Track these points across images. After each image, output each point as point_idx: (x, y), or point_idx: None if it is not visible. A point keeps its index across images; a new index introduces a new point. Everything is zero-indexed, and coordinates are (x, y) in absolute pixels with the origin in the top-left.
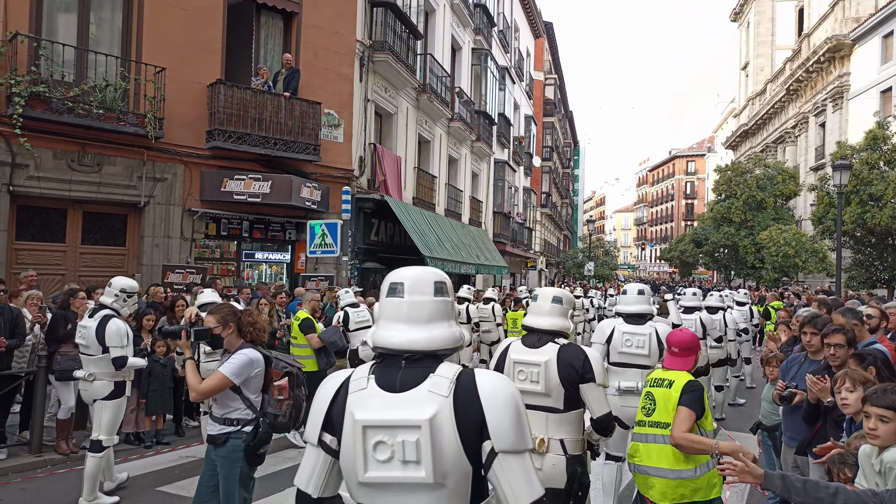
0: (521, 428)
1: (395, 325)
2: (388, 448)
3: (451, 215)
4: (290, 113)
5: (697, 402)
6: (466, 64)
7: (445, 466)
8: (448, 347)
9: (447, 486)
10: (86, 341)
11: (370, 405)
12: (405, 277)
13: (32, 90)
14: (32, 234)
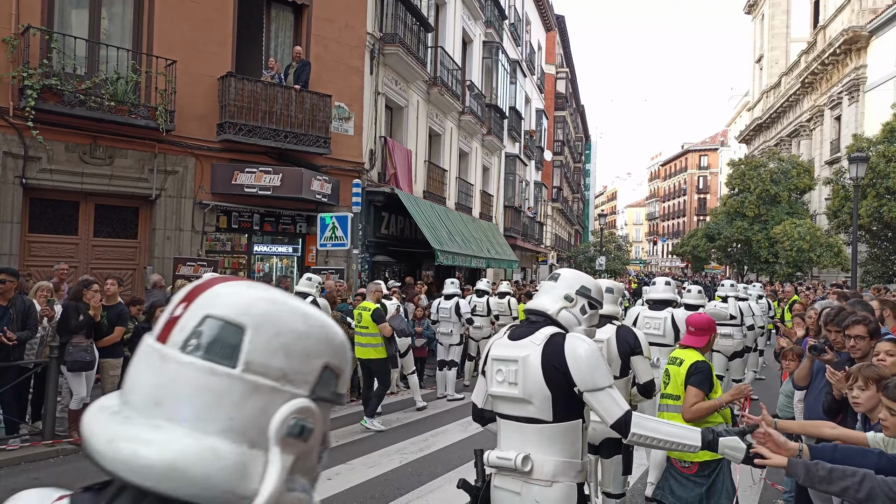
0: (594, 375)
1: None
2: (504, 373)
3: (462, 209)
4: (300, 106)
5: (704, 381)
6: (477, 57)
7: (531, 388)
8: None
9: (533, 403)
10: None
11: (499, 346)
12: None
13: (44, 83)
14: (45, 226)
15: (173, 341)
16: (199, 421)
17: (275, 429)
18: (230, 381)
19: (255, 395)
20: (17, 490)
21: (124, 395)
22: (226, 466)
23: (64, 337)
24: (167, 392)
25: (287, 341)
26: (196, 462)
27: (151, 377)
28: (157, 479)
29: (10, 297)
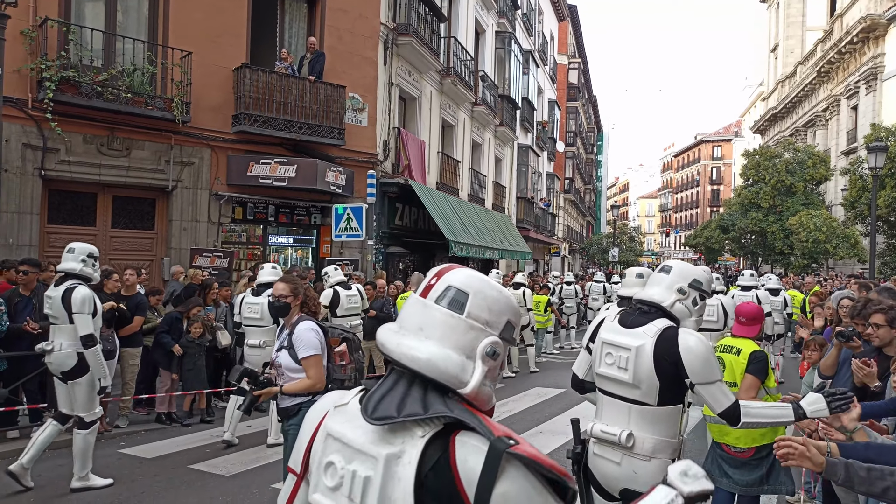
0: (707, 370)
1: None
2: (614, 357)
3: (475, 200)
4: (314, 97)
5: (762, 370)
6: (490, 47)
7: (640, 375)
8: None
9: (641, 388)
10: None
11: (610, 330)
12: None
13: (62, 75)
14: (64, 217)
15: (430, 297)
16: (442, 340)
17: (480, 350)
18: (459, 322)
19: (471, 331)
20: (43, 476)
21: (400, 323)
22: (455, 364)
23: None
24: (426, 323)
25: (489, 303)
26: (441, 359)
27: (418, 315)
28: (421, 365)
29: (32, 287)
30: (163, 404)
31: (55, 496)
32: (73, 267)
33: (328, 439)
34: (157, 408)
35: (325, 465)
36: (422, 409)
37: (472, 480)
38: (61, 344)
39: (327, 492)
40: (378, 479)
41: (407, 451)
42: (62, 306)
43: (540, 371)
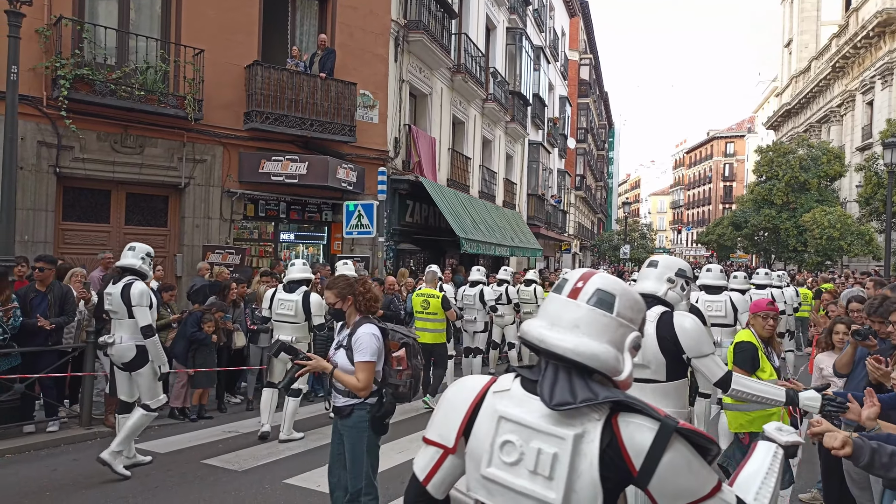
0: (700, 344)
1: None
2: None
3: (486, 197)
4: (325, 94)
5: (746, 360)
6: (501, 44)
7: (647, 356)
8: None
9: (650, 367)
10: None
11: None
12: None
13: (77, 73)
14: (78, 214)
15: (581, 299)
16: (598, 335)
17: (628, 343)
18: (611, 320)
19: (620, 328)
20: (59, 470)
21: (549, 320)
22: (612, 356)
23: (100, 322)
24: (581, 321)
25: (631, 304)
26: (603, 353)
27: (570, 314)
28: (586, 358)
29: (47, 284)
30: (177, 399)
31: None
32: (133, 263)
33: (501, 421)
34: (170, 403)
35: (502, 444)
36: (592, 394)
37: (639, 453)
38: (122, 337)
39: (505, 466)
40: (567, 455)
41: (588, 431)
42: (122, 301)
43: None
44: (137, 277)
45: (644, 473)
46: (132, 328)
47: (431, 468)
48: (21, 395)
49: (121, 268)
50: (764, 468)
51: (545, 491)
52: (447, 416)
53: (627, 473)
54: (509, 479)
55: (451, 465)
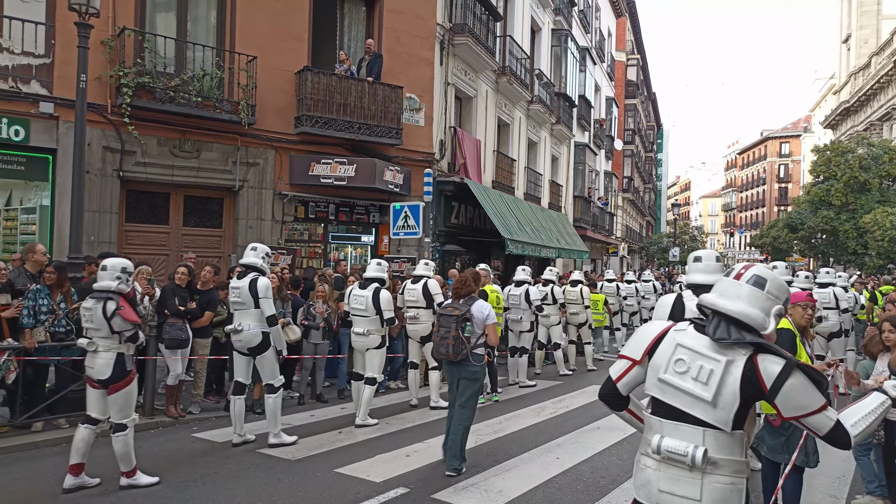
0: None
1: None
2: (685, 364)
3: (531, 199)
4: (373, 98)
5: (785, 346)
6: (546, 45)
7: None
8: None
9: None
10: None
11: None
12: None
13: (138, 81)
14: (140, 216)
15: (742, 280)
16: (750, 304)
17: (773, 312)
18: (762, 294)
19: (768, 300)
20: (98, 462)
21: (720, 294)
22: (760, 317)
23: (161, 317)
24: (741, 295)
25: (779, 286)
26: (754, 313)
27: (734, 290)
28: (742, 315)
29: None
30: None
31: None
32: (256, 262)
33: (677, 347)
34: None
35: (675, 360)
36: (741, 337)
37: (770, 377)
38: (249, 325)
39: (676, 374)
40: (719, 371)
41: (736, 359)
42: (249, 293)
43: (597, 370)
44: (260, 273)
45: (773, 391)
46: (258, 317)
47: (622, 373)
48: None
49: (244, 265)
50: (868, 408)
51: (702, 391)
52: (638, 342)
53: (760, 391)
54: (678, 382)
55: (634, 373)
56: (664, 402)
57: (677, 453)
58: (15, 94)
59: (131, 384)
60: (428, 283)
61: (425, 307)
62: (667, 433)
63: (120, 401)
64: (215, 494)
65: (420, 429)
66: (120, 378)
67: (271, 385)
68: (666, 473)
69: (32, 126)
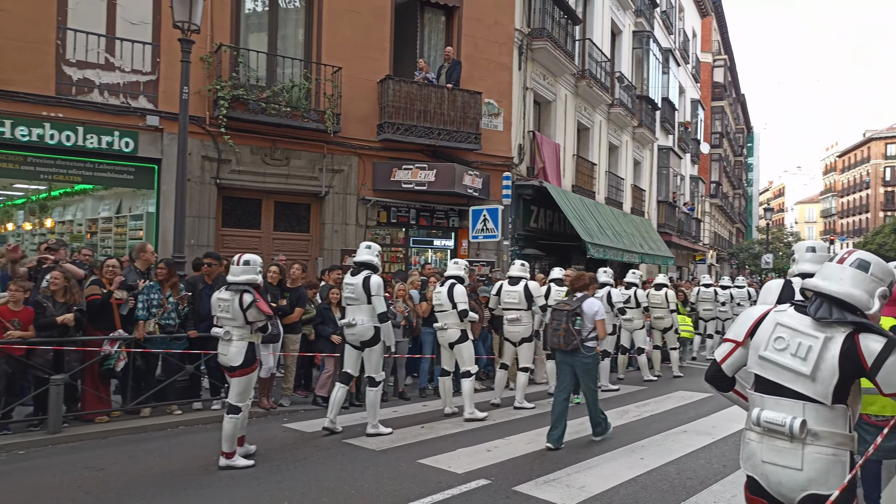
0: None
1: None
2: (784, 342)
3: (612, 203)
4: (452, 104)
5: None
6: (627, 47)
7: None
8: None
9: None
10: None
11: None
12: None
13: (234, 94)
14: (234, 221)
15: (846, 264)
16: (854, 286)
17: (878, 293)
18: (866, 276)
19: (872, 283)
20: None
21: (823, 277)
22: (864, 297)
23: None
24: (845, 277)
25: (883, 269)
26: (858, 294)
27: (838, 273)
28: (845, 296)
29: (214, 277)
30: (322, 388)
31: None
32: (370, 259)
33: (777, 326)
34: (316, 391)
35: (775, 339)
36: (842, 316)
37: (871, 355)
38: (362, 320)
39: (776, 351)
40: (818, 348)
41: (835, 337)
42: (363, 290)
43: (684, 376)
44: (372, 271)
45: (874, 368)
46: (370, 313)
47: (726, 354)
48: (190, 375)
49: (358, 263)
50: None
51: (800, 366)
52: (741, 324)
53: (861, 368)
54: (778, 358)
55: (738, 355)
56: (765, 379)
57: (776, 423)
58: (125, 109)
59: (253, 372)
60: (529, 285)
61: (526, 308)
62: (768, 407)
63: (240, 385)
64: (304, 478)
65: (502, 426)
66: (247, 365)
67: (373, 378)
68: (768, 445)
69: (140, 138)
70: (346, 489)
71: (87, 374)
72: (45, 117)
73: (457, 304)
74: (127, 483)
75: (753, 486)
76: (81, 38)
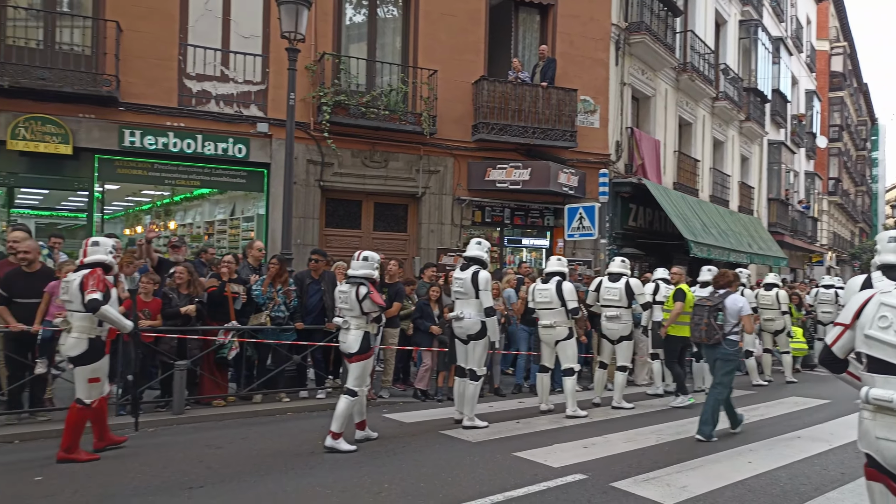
0: None
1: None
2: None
3: (717, 201)
4: (547, 102)
5: None
6: (733, 38)
7: None
8: None
9: None
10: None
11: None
12: None
13: (336, 100)
14: (337, 221)
15: None
16: None
17: None
18: None
19: None
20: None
21: None
22: None
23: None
24: None
25: None
26: None
27: None
28: None
29: (320, 273)
30: (420, 381)
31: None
32: (480, 254)
33: (882, 306)
34: (415, 384)
35: (879, 317)
36: None
37: None
38: (470, 314)
39: (879, 329)
40: None
41: None
42: (471, 284)
43: (798, 382)
44: (481, 266)
45: None
46: (477, 307)
47: (836, 338)
48: (297, 365)
49: (467, 258)
50: None
51: None
52: (849, 309)
53: None
54: (882, 336)
55: (847, 337)
56: (876, 358)
57: (884, 400)
58: (238, 118)
59: (369, 358)
60: (630, 282)
61: (626, 306)
62: (878, 385)
63: (357, 370)
64: (403, 464)
65: (600, 424)
66: (363, 352)
67: (474, 372)
68: (881, 422)
69: (251, 144)
70: (443, 476)
71: (206, 361)
72: (168, 127)
73: (566, 301)
74: (242, 460)
75: (872, 462)
76: (200, 53)
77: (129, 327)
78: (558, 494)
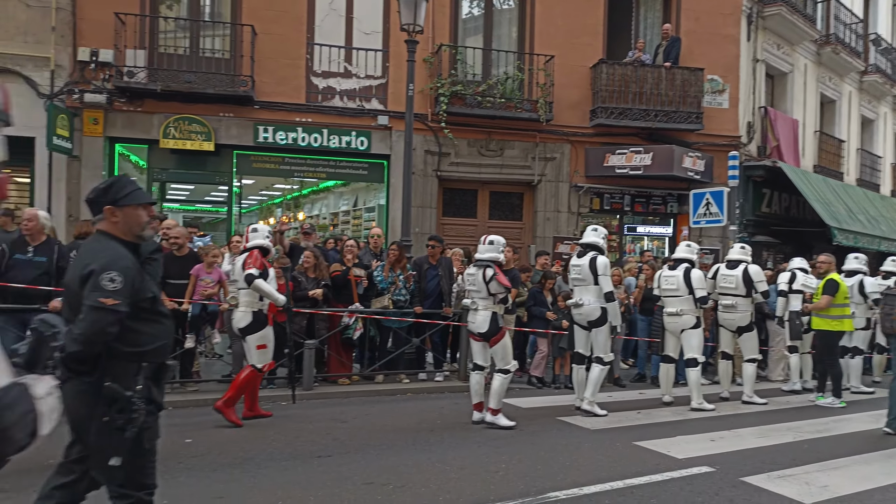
0: None
1: None
2: None
3: (866, 185)
4: (670, 83)
5: None
6: (885, 5)
7: None
8: None
9: None
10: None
11: None
12: None
13: (452, 90)
14: (453, 210)
15: None
16: None
17: None
18: None
19: None
20: (445, 409)
21: None
22: None
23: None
24: None
25: None
26: None
27: None
28: None
29: (437, 258)
30: (536, 368)
31: (454, 425)
32: (596, 241)
33: None
34: (530, 371)
35: None
36: None
37: None
38: (589, 300)
39: None
40: None
41: None
42: (589, 270)
43: None
44: (599, 252)
45: None
46: (597, 293)
47: None
48: (416, 348)
49: (584, 244)
50: None
51: None
52: None
53: None
54: None
55: None
56: None
57: None
58: (360, 111)
59: (505, 337)
60: (749, 269)
61: (744, 295)
62: None
63: (500, 351)
64: (521, 447)
65: (728, 418)
66: (495, 332)
67: (601, 358)
68: None
69: (373, 136)
70: (560, 460)
71: (332, 341)
72: (297, 123)
73: (695, 289)
74: (366, 434)
75: None
76: (325, 52)
77: (281, 301)
78: (682, 485)
